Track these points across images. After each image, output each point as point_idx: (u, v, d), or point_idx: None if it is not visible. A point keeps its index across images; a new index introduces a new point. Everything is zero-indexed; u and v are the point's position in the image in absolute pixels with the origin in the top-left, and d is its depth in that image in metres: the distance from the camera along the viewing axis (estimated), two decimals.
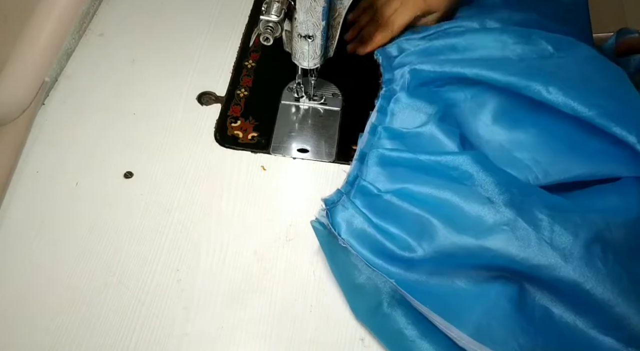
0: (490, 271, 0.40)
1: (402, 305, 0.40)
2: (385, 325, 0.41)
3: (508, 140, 0.46)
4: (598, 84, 0.44)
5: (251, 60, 0.60)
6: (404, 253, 0.40)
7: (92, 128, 0.54)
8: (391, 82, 0.52)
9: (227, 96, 0.57)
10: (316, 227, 0.43)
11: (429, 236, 0.40)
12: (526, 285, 0.39)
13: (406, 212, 0.42)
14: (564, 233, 0.37)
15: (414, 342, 0.39)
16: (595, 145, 0.43)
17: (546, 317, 0.39)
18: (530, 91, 0.43)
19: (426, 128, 0.46)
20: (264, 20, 0.43)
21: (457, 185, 0.41)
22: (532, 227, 0.38)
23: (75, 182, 0.51)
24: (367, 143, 0.49)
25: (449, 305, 0.39)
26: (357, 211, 0.43)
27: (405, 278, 0.40)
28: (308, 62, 0.50)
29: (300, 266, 0.47)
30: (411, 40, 0.55)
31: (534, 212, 0.38)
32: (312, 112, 0.57)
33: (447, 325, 0.37)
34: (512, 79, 0.44)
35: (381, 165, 0.46)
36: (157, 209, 0.49)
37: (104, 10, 0.64)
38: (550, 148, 0.44)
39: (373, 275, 0.41)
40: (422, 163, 0.43)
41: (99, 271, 0.46)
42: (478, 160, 0.42)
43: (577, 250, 0.37)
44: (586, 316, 0.38)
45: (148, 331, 0.43)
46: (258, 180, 0.51)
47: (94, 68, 0.59)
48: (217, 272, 0.46)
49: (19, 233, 0.47)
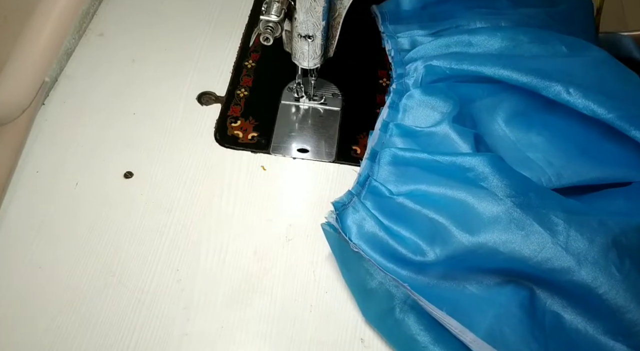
0: (501, 275, 0.39)
1: (414, 310, 0.40)
2: (398, 331, 0.40)
3: (522, 141, 0.46)
4: (614, 87, 0.44)
5: (251, 60, 0.60)
6: (416, 257, 0.40)
7: (92, 128, 0.54)
8: (402, 77, 0.52)
9: (227, 96, 0.57)
10: (326, 230, 0.43)
11: (442, 239, 0.39)
12: (537, 291, 0.39)
13: (418, 215, 0.42)
14: (580, 238, 0.37)
15: (427, 348, 0.38)
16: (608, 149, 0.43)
17: (557, 323, 0.38)
18: (550, 91, 0.43)
19: (440, 128, 0.45)
20: (264, 20, 0.43)
21: (472, 187, 0.40)
22: (547, 232, 0.37)
23: (75, 182, 0.51)
24: (378, 140, 0.48)
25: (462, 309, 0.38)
26: (368, 213, 0.42)
27: (415, 281, 0.40)
28: (308, 62, 0.50)
29: (300, 266, 0.46)
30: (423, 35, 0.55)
31: (549, 216, 0.38)
32: (312, 112, 0.57)
33: (461, 329, 0.37)
34: (532, 79, 0.44)
35: (394, 165, 0.45)
36: (157, 209, 0.49)
37: (104, 10, 0.64)
38: (564, 151, 0.44)
39: (385, 280, 0.40)
40: (437, 163, 0.43)
41: (99, 272, 0.46)
42: (494, 161, 0.41)
43: (591, 255, 0.36)
44: (597, 322, 0.37)
45: (148, 331, 0.43)
46: (258, 180, 0.51)
47: (94, 68, 0.59)
48: (217, 272, 0.46)
49: (19, 233, 0.47)
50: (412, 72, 0.51)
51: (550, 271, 0.37)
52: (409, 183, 0.44)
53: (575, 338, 0.38)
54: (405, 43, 0.55)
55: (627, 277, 0.36)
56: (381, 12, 0.59)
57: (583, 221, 0.38)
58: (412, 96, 0.49)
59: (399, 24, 0.58)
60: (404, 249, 0.40)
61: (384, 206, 0.44)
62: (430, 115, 0.48)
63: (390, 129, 0.48)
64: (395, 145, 0.47)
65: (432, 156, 0.43)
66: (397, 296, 0.40)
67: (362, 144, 0.54)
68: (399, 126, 0.48)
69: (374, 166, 0.46)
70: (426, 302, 0.38)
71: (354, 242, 0.41)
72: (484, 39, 0.50)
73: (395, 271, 0.40)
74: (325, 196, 0.50)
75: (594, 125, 0.43)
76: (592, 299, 0.36)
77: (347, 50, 0.55)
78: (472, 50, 0.50)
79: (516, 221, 0.38)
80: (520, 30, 0.49)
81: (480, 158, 0.41)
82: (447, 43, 0.51)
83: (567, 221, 0.38)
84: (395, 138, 0.48)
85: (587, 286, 0.36)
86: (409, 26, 0.57)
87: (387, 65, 0.59)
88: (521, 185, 0.40)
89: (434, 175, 0.43)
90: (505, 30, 0.50)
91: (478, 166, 0.41)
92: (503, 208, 0.39)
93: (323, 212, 0.44)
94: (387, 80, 0.59)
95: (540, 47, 0.48)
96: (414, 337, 0.39)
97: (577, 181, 0.43)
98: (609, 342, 0.37)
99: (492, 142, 0.46)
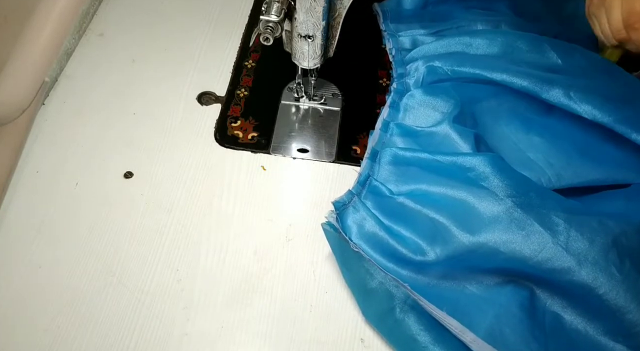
0: (501, 275, 0.39)
1: (414, 310, 0.40)
2: (398, 331, 0.40)
3: (522, 141, 0.46)
4: (613, 90, 0.44)
5: (251, 60, 0.60)
6: (416, 256, 0.40)
7: (92, 128, 0.54)
8: (403, 76, 0.52)
9: (227, 96, 0.57)
10: (327, 230, 0.43)
11: (442, 239, 0.39)
12: (537, 291, 0.39)
13: (419, 215, 0.42)
14: (580, 238, 0.37)
15: (427, 348, 0.38)
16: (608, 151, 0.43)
17: (557, 323, 0.38)
18: (551, 95, 0.43)
19: (440, 128, 0.45)
20: (264, 20, 0.43)
21: (472, 187, 0.41)
22: (548, 232, 0.37)
23: (75, 182, 0.51)
24: (378, 140, 0.48)
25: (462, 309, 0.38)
26: (368, 213, 0.42)
27: (416, 281, 0.40)
28: (308, 62, 0.50)
29: (300, 266, 0.46)
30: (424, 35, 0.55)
31: (550, 216, 0.38)
32: (312, 112, 0.57)
33: (462, 329, 0.37)
34: (532, 83, 0.44)
35: (394, 164, 0.45)
36: (157, 209, 0.49)
37: (104, 10, 0.64)
38: (564, 152, 0.44)
39: (385, 280, 0.40)
40: (438, 163, 0.43)
41: (99, 272, 0.46)
42: (494, 161, 0.41)
43: (592, 256, 0.36)
44: (597, 323, 0.37)
45: (148, 331, 0.43)
46: (258, 180, 0.51)
47: (94, 68, 0.59)
48: (217, 272, 0.46)
49: (19, 233, 0.47)
50: (413, 72, 0.51)
51: (551, 272, 0.37)
52: (410, 182, 0.44)
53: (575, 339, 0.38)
54: (406, 42, 0.55)
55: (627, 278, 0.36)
56: (382, 11, 0.59)
57: (583, 221, 0.38)
58: (413, 96, 0.49)
59: (400, 22, 0.58)
60: (404, 249, 0.40)
61: (385, 206, 0.44)
62: (431, 115, 0.48)
63: (391, 129, 0.48)
64: (395, 144, 0.47)
65: (433, 156, 0.43)
66: (398, 296, 0.40)
67: (362, 144, 0.54)
68: (400, 126, 0.48)
69: (375, 165, 0.46)
70: (426, 302, 0.38)
71: (354, 241, 0.41)
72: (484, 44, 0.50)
73: (395, 271, 0.40)
74: (325, 196, 0.50)
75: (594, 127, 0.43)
76: (592, 299, 0.36)
77: (347, 50, 0.55)
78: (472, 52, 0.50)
79: (517, 221, 0.38)
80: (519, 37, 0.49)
81: (480, 158, 0.41)
82: (447, 44, 0.52)
83: (567, 221, 0.38)
84: (395, 138, 0.48)
85: (587, 287, 0.36)
86: (410, 25, 0.57)
87: (387, 65, 0.59)
88: (522, 185, 0.40)
89: (434, 175, 0.43)
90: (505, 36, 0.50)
91: (479, 166, 0.41)
92: (503, 208, 0.39)
93: (323, 212, 0.44)
94: (387, 80, 0.59)
95: (536, 55, 0.48)
96: (414, 337, 0.39)
97: (577, 182, 0.43)
98: (609, 343, 0.37)
99: (492, 142, 0.47)
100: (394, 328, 0.40)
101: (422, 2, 0.58)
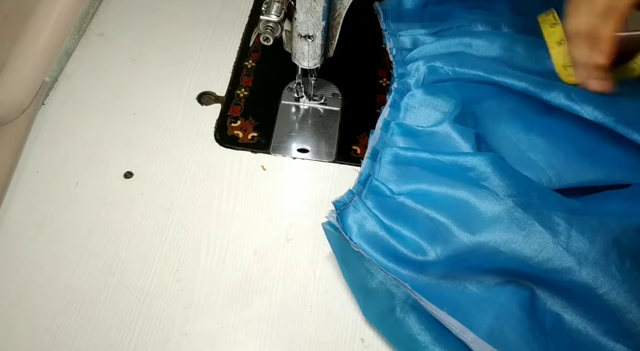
0: (502, 275, 0.39)
1: (415, 310, 0.40)
2: (398, 330, 0.40)
3: (523, 141, 0.46)
4: None
5: (251, 60, 0.60)
6: (417, 256, 0.39)
7: (92, 128, 0.54)
8: (404, 76, 0.52)
9: (227, 96, 0.57)
10: (327, 229, 0.43)
11: (442, 239, 0.39)
12: (537, 291, 0.39)
13: (419, 214, 0.42)
14: (581, 238, 0.37)
15: (427, 348, 0.38)
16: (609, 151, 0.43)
17: (557, 323, 0.38)
18: (552, 96, 0.43)
19: (441, 128, 0.45)
20: (264, 20, 0.43)
21: (473, 186, 0.40)
22: (548, 232, 0.37)
23: (75, 182, 0.51)
24: (379, 140, 0.48)
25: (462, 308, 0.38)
26: (368, 213, 0.42)
27: (416, 281, 0.40)
28: (308, 62, 0.50)
29: (300, 266, 0.46)
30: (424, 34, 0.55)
31: (551, 215, 0.38)
32: (312, 112, 0.57)
33: (462, 329, 0.37)
34: (533, 84, 0.44)
35: (395, 164, 0.45)
36: (157, 209, 0.49)
37: (104, 10, 0.64)
38: (564, 153, 0.44)
39: (386, 280, 0.40)
40: (438, 163, 0.43)
41: (99, 272, 0.46)
42: (495, 161, 0.41)
43: (592, 256, 0.36)
44: (598, 323, 0.37)
45: (148, 331, 0.43)
46: (258, 180, 0.51)
47: (93, 68, 0.59)
48: (217, 272, 0.46)
49: (19, 233, 0.47)
50: (413, 72, 0.51)
51: (551, 272, 0.37)
52: (410, 182, 0.44)
53: (575, 339, 0.37)
54: (406, 42, 0.55)
55: (627, 278, 0.36)
56: (383, 10, 0.59)
57: (584, 221, 0.38)
58: (414, 95, 0.49)
59: (401, 22, 0.58)
60: (404, 248, 0.40)
61: (385, 205, 0.43)
62: (431, 114, 0.48)
63: (392, 128, 0.48)
64: (396, 144, 0.47)
65: (434, 155, 0.43)
66: (398, 296, 0.40)
67: (362, 144, 0.54)
68: (400, 125, 0.48)
69: (375, 165, 0.46)
70: (427, 302, 0.38)
71: (355, 241, 0.41)
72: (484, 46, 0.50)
73: (396, 271, 0.40)
74: (325, 196, 0.50)
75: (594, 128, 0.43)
76: (592, 299, 0.36)
77: (347, 50, 0.55)
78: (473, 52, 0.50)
79: (517, 221, 0.38)
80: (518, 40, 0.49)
81: (481, 158, 0.41)
82: (448, 44, 0.52)
83: (568, 221, 0.38)
84: (396, 138, 0.48)
85: (588, 287, 0.36)
86: (410, 25, 0.57)
87: (387, 65, 0.59)
88: (522, 184, 0.40)
89: (435, 175, 0.43)
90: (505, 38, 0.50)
91: (479, 166, 0.41)
92: (504, 208, 0.38)
93: (323, 212, 0.44)
94: (387, 80, 0.59)
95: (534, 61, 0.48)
96: (415, 337, 0.39)
97: (577, 182, 0.43)
98: (609, 343, 0.37)
99: (493, 142, 0.47)
100: (395, 328, 0.40)
101: (423, 2, 0.58)
